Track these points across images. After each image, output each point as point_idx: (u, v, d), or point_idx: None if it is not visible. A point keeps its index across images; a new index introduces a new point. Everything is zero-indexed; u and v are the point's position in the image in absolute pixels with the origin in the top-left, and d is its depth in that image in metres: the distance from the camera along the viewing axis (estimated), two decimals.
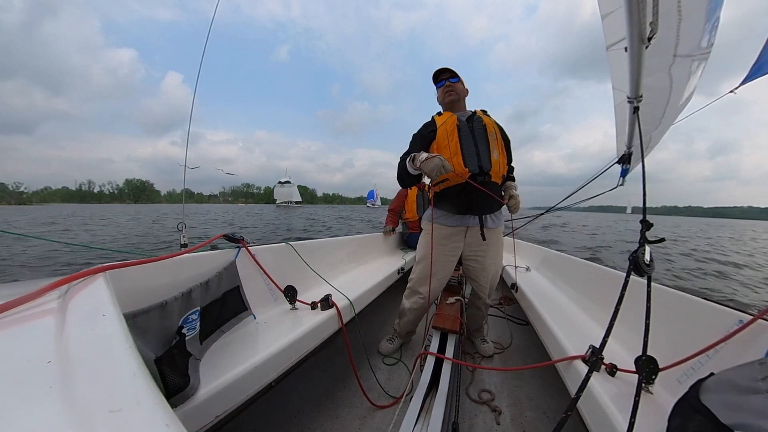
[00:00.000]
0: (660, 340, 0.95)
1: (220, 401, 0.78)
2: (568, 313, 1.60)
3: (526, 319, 1.80)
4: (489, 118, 1.57)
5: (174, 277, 1.02)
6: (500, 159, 1.48)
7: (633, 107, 1.21)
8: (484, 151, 1.44)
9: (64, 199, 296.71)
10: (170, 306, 0.85)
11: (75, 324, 0.49)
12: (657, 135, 1.90)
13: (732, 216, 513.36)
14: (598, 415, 0.80)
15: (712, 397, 0.70)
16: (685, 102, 1.65)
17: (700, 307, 1.04)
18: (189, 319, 0.91)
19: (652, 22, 0.92)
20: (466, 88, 1.63)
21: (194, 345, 0.90)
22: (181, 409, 0.69)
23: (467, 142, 1.45)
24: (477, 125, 1.49)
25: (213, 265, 1.18)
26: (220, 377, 0.80)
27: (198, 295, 0.99)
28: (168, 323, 0.84)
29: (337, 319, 1.31)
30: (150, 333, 0.78)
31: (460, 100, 1.60)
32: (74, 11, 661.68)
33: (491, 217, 1.54)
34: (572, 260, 2.17)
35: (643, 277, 0.80)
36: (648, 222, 0.86)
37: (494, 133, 1.50)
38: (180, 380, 0.71)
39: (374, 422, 1.27)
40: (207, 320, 1.01)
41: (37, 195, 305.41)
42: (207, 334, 1.01)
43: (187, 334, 0.87)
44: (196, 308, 0.96)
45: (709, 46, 1.30)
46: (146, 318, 0.78)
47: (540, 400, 1.43)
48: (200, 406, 0.72)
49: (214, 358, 0.92)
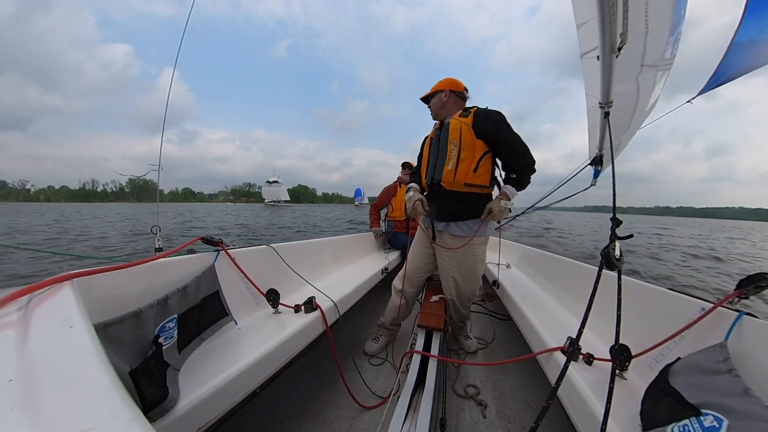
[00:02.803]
0: (632, 329, 1.01)
1: (202, 412, 0.74)
2: (547, 307, 1.66)
3: (507, 314, 1.86)
4: (461, 119, 1.46)
5: (149, 283, 0.97)
6: (460, 167, 1.42)
7: (604, 112, 1.28)
8: (439, 163, 1.50)
9: (67, 197, 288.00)
10: (145, 314, 0.81)
11: (39, 338, 0.45)
12: (626, 139, 2.02)
13: (722, 216, 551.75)
14: (577, 402, 0.84)
15: (680, 379, 0.75)
16: (650, 108, 1.77)
17: (666, 297, 1.11)
18: (166, 327, 0.87)
19: (622, 33, 0.98)
20: (445, 94, 1.60)
21: (172, 354, 0.85)
22: (160, 423, 0.65)
23: (432, 154, 1.57)
24: (443, 134, 1.49)
25: (191, 269, 1.13)
26: (201, 387, 0.77)
27: (175, 301, 0.95)
28: (143, 332, 0.79)
29: (322, 321, 1.29)
30: (124, 344, 0.73)
31: (443, 108, 1.63)
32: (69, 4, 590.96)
33: (458, 225, 1.53)
34: (550, 256, 2.26)
35: (614, 271, 0.85)
36: (617, 219, 0.92)
37: (457, 139, 1.43)
38: (158, 392, 0.67)
39: (362, 423, 1.26)
40: (185, 328, 0.97)
41: (43, 192, 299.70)
42: (186, 342, 0.96)
43: (164, 343, 0.83)
44: (173, 315, 0.92)
45: (671, 57, 1.41)
46: (119, 328, 0.73)
47: (523, 392, 1.47)
48: (181, 418, 0.69)
49: (194, 368, 0.88)
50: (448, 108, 1.63)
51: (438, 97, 1.63)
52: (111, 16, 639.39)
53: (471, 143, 1.43)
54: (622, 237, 0.90)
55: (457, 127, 1.46)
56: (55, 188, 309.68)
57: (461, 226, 1.53)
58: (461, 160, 1.43)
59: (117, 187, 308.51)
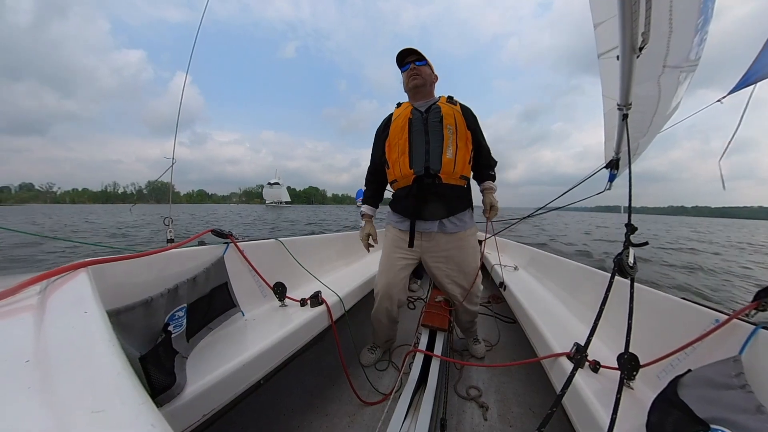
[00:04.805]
0: (641, 338, 0.99)
1: (208, 400, 0.76)
2: (554, 312, 1.64)
3: (513, 317, 1.84)
4: (452, 106, 1.39)
5: (160, 272, 0.99)
6: (459, 156, 1.32)
7: (622, 114, 1.24)
8: (435, 150, 1.30)
9: (91, 199, 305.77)
10: (156, 302, 0.83)
11: (55, 321, 0.47)
12: (644, 143, 1.96)
13: (739, 216, 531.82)
14: (582, 410, 0.82)
15: (689, 392, 0.73)
16: (672, 111, 1.70)
17: (679, 307, 1.08)
18: (175, 316, 0.89)
19: (644, 32, 0.94)
20: (435, 74, 1.47)
21: (181, 342, 0.88)
22: (167, 408, 0.67)
23: (417, 140, 1.32)
24: (433, 117, 1.33)
25: (200, 260, 1.15)
26: (207, 375, 0.79)
27: (185, 291, 0.97)
28: (153, 320, 0.81)
29: (327, 316, 1.30)
30: (134, 330, 0.76)
31: (426, 86, 1.43)
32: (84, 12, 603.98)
33: (451, 221, 1.40)
34: (559, 260, 2.22)
35: (627, 278, 0.83)
36: (632, 226, 0.89)
37: (453, 125, 1.32)
38: (166, 378, 0.69)
39: (363, 419, 1.27)
40: (194, 317, 0.99)
41: (68, 194, 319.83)
42: (194, 331, 0.99)
43: (173, 331, 0.85)
44: (183, 305, 0.94)
45: (696, 59, 1.34)
46: (131, 315, 0.75)
47: (526, 396, 1.46)
48: (187, 404, 0.71)
49: (202, 356, 0.91)
50: (431, 89, 1.47)
51: (430, 68, 1.44)
52: (124, 21, 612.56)
53: (464, 134, 1.36)
54: (636, 244, 0.87)
55: (451, 113, 1.35)
56: (78, 190, 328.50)
57: (454, 221, 1.41)
58: (458, 149, 1.33)
59: (136, 188, 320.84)
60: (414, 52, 1.41)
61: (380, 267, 1.55)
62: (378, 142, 1.48)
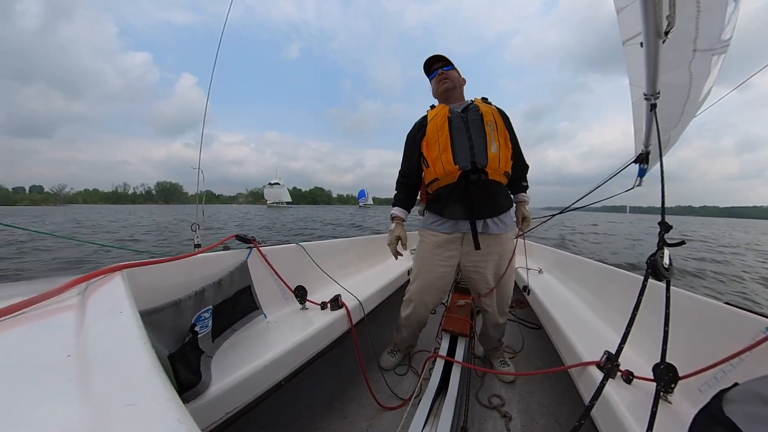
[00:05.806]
0: (679, 346, 0.91)
1: (231, 398, 0.79)
2: (582, 317, 1.56)
3: (538, 322, 1.76)
4: (488, 105, 1.37)
5: (188, 276, 1.05)
6: (502, 152, 1.28)
7: (650, 104, 1.16)
8: (479, 144, 1.25)
9: (102, 199, 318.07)
10: (184, 304, 0.88)
11: (93, 320, 0.51)
12: (676, 134, 1.83)
13: (748, 216, 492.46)
14: (613, 424, 0.77)
15: (737, 408, 0.67)
16: (704, 98, 1.58)
17: (723, 313, 0.99)
18: (202, 317, 0.93)
19: (668, 15, 0.88)
20: (462, 77, 1.47)
21: (206, 342, 0.92)
22: (192, 404, 0.70)
23: (459, 136, 1.27)
24: (472, 115, 1.30)
25: (225, 264, 1.20)
26: (230, 375, 0.82)
27: (211, 294, 1.02)
28: (181, 321, 0.86)
29: (347, 319, 1.31)
30: (164, 330, 0.80)
31: (456, 89, 1.42)
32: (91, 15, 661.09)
33: (494, 221, 1.32)
34: (585, 262, 2.11)
35: (662, 281, 0.77)
36: (667, 224, 0.82)
37: (493, 122, 1.29)
38: (192, 377, 0.73)
39: (382, 423, 1.26)
40: (219, 319, 1.03)
41: (80, 195, 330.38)
42: (219, 332, 1.03)
43: (199, 331, 0.89)
44: (209, 307, 0.98)
45: (729, 38, 1.24)
46: (161, 315, 0.80)
47: (552, 407, 1.39)
48: (211, 402, 0.74)
49: (226, 356, 0.94)
50: (461, 92, 1.47)
51: (457, 72, 1.45)
52: (131, 24, 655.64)
53: (504, 132, 1.32)
54: (672, 244, 0.80)
55: (489, 111, 1.32)
56: (89, 191, 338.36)
57: (497, 221, 1.34)
58: (500, 145, 1.28)
59: (145, 189, 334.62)
60: (441, 59, 1.43)
61: (415, 271, 1.49)
62: (412, 143, 1.43)
